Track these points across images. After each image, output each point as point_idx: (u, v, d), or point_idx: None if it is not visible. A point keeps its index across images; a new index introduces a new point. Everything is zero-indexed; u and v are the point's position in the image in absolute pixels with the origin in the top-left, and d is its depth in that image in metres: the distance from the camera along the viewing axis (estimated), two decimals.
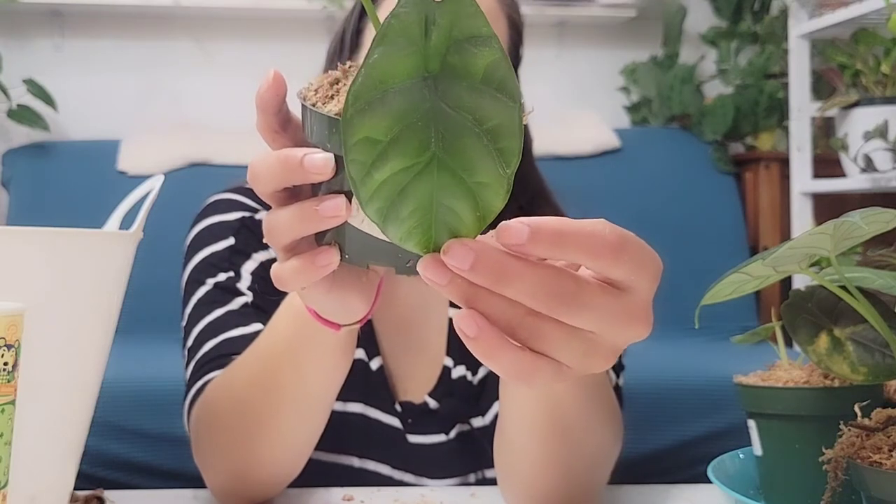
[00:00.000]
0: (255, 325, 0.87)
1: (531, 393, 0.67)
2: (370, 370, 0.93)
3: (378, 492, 0.83)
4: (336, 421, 0.91)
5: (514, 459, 0.73)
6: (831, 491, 0.59)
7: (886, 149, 2.10)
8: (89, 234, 0.58)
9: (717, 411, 1.72)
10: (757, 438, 0.69)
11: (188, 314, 0.91)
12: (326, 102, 0.45)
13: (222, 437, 0.78)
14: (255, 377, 0.74)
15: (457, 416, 0.94)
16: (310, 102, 0.46)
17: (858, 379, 0.61)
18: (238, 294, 0.90)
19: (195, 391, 0.84)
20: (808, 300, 0.64)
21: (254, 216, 0.94)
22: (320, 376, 0.71)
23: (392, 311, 0.95)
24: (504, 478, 0.76)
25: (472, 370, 0.94)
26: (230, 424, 0.77)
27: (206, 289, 0.91)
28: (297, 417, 0.74)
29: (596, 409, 0.73)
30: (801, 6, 2.36)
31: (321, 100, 0.45)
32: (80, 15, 2.74)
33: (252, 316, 0.88)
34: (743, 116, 2.69)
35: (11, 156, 2.55)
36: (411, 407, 0.94)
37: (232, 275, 0.92)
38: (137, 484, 1.53)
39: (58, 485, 0.60)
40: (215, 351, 0.86)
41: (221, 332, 0.87)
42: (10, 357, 0.42)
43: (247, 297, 0.90)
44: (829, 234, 0.52)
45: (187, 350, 0.89)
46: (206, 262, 0.93)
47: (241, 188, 0.97)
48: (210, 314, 0.89)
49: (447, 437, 0.93)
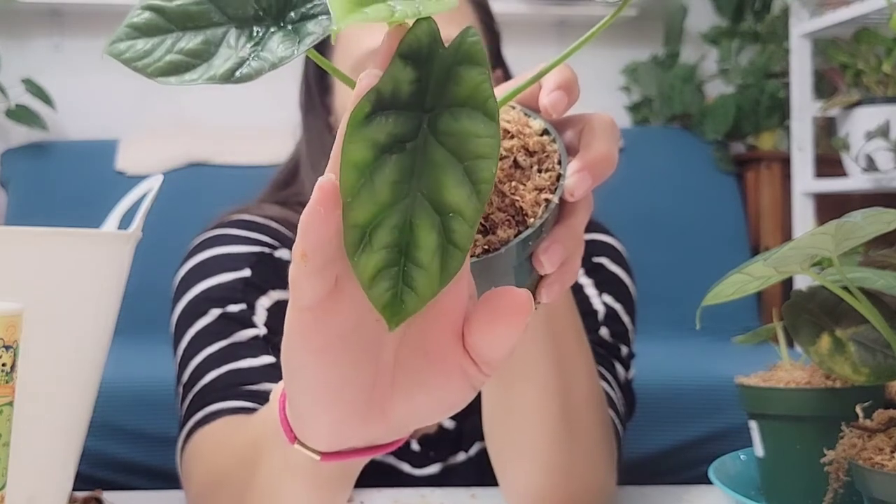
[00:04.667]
0: (265, 358, 0.82)
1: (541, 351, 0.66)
2: None
3: (378, 493, 0.83)
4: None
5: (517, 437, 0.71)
6: (833, 492, 0.59)
7: (888, 148, 2.10)
8: (88, 234, 0.58)
9: (719, 412, 1.72)
10: (758, 439, 0.69)
11: (184, 348, 0.85)
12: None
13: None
14: (243, 463, 0.65)
15: (479, 434, 0.89)
16: None
17: (860, 380, 0.61)
18: (248, 326, 0.84)
19: (194, 423, 0.79)
20: (810, 301, 0.64)
21: (273, 253, 0.89)
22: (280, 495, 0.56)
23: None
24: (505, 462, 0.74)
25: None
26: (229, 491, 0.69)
27: (208, 319, 0.85)
28: None
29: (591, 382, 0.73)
30: (803, 5, 2.35)
31: None
32: (79, 14, 2.74)
33: (262, 348, 0.83)
34: (744, 116, 2.69)
35: (10, 155, 2.55)
36: (428, 439, 0.92)
37: (244, 307, 0.86)
38: (136, 485, 1.53)
39: (56, 486, 0.60)
40: (221, 381, 0.80)
41: (227, 362, 0.81)
42: (9, 358, 0.42)
43: (259, 330, 0.84)
44: (830, 234, 0.52)
45: (182, 386, 0.84)
46: (210, 293, 0.87)
47: (238, 221, 0.92)
48: (212, 345, 0.83)
49: (467, 454, 0.92)
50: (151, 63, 0.40)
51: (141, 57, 0.41)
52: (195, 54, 0.40)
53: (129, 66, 0.40)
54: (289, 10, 0.40)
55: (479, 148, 0.35)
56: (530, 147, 0.45)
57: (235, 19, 0.40)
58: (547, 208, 0.43)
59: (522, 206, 0.43)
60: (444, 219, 0.35)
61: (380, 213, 0.35)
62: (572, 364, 0.70)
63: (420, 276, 0.35)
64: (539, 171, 0.44)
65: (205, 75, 0.39)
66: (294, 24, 0.39)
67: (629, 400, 0.90)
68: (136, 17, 0.41)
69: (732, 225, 2.57)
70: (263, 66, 0.38)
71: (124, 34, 0.41)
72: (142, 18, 0.41)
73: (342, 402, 0.40)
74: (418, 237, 0.35)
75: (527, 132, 0.45)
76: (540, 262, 0.43)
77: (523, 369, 0.69)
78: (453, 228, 0.35)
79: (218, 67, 0.39)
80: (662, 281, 2.23)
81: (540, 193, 0.43)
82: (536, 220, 0.42)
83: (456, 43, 0.36)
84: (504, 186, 0.43)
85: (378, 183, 0.35)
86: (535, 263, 0.44)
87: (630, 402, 0.90)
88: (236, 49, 0.39)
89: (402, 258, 0.35)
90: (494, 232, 0.42)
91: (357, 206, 0.35)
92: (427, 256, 0.35)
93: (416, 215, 0.35)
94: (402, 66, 0.36)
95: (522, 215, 0.43)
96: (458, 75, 0.36)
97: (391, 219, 0.35)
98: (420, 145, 0.36)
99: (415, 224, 0.35)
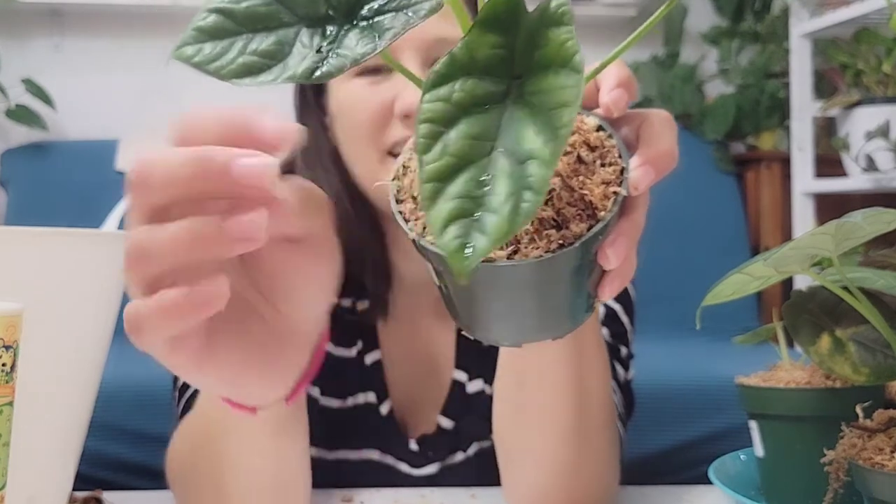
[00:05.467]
0: None
1: (560, 349, 0.66)
2: (381, 415, 0.91)
3: (377, 493, 0.83)
4: (349, 470, 0.90)
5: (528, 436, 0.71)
6: (833, 492, 0.59)
7: (888, 148, 2.10)
8: (88, 235, 0.58)
9: (719, 412, 1.72)
10: (758, 439, 0.69)
11: None
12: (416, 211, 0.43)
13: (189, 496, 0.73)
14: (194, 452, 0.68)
15: (477, 434, 0.91)
16: (402, 196, 0.44)
17: (860, 380, 0.61)
18: None
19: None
20: (810, 301, 0.64)
21: None
22: (246, 464, 0.61)
23: (400, 334, 0.93)
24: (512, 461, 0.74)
25: (490, 382, 0.92)
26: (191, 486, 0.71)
27: None
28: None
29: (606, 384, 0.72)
30: (803, 5, 2.35)
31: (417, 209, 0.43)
32: (79, 14, 2.74)
33: None
34: (744, 116, 2.69)
35: (10, 155, 2.55)
36: (426, 439, 0.92)
37: None
38: (136, 485, 1.53)
39: (56, 486, 0.60)
40: None
41: None
42: (9, 358, 0.42)
43: None
44: (830, 234, 0.52)
45: (178, 390, 0.85)
46: None
47: None
48: None
49: (465, 454, 0.92)
50: (224, 66, 0.40)
51: (212, 60, 0.40)
52: (269, 55, 0.40)
53: (201, 69, 0.40)
54: (359, 8, 0.40)
55: (562, 97, 0.36)
56: (591, 142, 0.45)
57: (306, 19, 0.41)
58: (616, 201, 0.43)
59: (592, 199, 0.43)
60: (521, 167, 0.36)
61: (455, 166, 0.36)
62: (589, 364, 0.69)
63: (491, 220, 0.35)
64: (602, 166, 0.44)
65: (282, 75, 0.39)
66: (368, 21, 0.40)
67: (628, 401, 0.90)
68: (202, 21, 0.41)
69: (732, 225, 2.57)
70: (344, 62, 0.39)
71: (191, 38, 0.41)
72: (208, 22, 0.41)
73: (257, 362, 0.47)
74: (494, 186, 0.36)
75: (584, 128, 0.46)
76: (606, 256, 0.43)
77: (540, 366, 0.68)
78: (530, 173, 0.35)
79: (295, 67, 0.39)
80: (662, 281, 2.23)
81: (607, 187, 0.43)
82: (607, 213, 0.42)
83: (542, 6, 0.38)
84: (572, 181, 0.43)
85: (454, 137, 0.36)
86: (601, 258, 0.44)
87: (629, 402, 0.90)
88: (311, 48, 0.40)
89: (476, 207, 0.36)
90: (568, 227, 0.42)
91: (432, 158, 0.36)
92: (499, 201, 0.35)
93: (493, 168, 0.36)
94: (482, 33, 0.37)
95: (592, 209, 0.43)
96: (545, 37, 0.37)
97: (467, 172, 0.36)
98: (506, 106, 0.37)
99: (492, 175, 0.36)
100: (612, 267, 0.44)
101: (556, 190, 0.42)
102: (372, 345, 0.91)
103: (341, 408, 0.90)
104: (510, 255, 0.41)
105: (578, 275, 0.44)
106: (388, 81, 0.82)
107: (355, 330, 0.91)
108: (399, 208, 0.44)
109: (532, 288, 0.43)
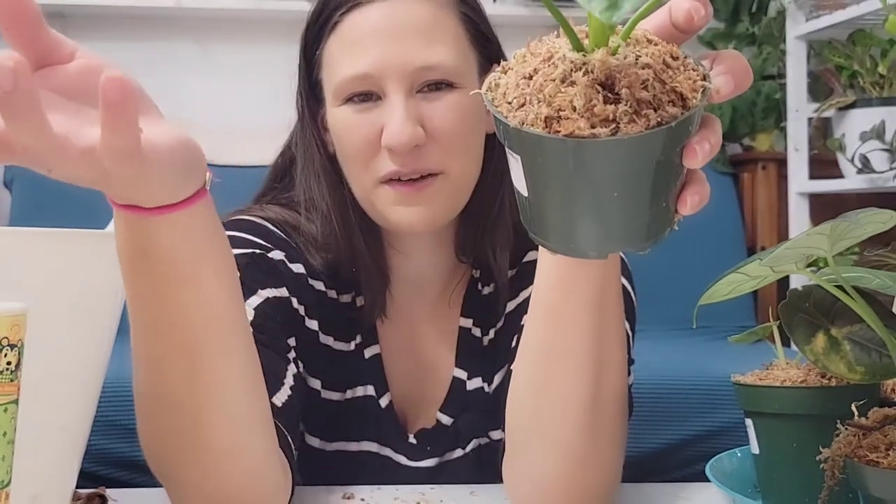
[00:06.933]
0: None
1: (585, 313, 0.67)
2: (380, 408, 0.91)
3: (378, 490, 0.83)
4: (348, 461, 0.91)
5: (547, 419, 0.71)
6: (828, 490, 0.59)
7: (883, 149, 2.11)
8: (91, 235, 0.58)
9: (715, 410, 1.73)
10: (754, 437, 0.70)
11: None
12: (515, 110, 0.47)
13: (162, 431, 0.66)
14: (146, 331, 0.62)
15: (475, 431, 0.92)
16: (496, 103, 0.48)
17: (855, 378, 0.61)
18: None
19: None
20: (806, 300, 0.64)
21: (266, 254, 0.86)
22: (193, 285, 0.59)
23: (399, 332, 0.93)
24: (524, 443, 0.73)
25: (488, 381, 0.92)
26: (160, 410, 0.65)
27: None
28: (214, 353, 0.61)
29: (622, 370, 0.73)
30: (799, 7, 2.36)
31: (516, 103, 0.47)
32: (82, 16, 2.74)
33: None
34: (740, 117, 2.69)
35: None
36: (425, 433, 0.92)
37: None
38: (139, 482, 1.53)
39: (60, 483, 0.60)
40: None
41: None
42: (14, 357, 0.43)
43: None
44: (826, 234, 0.53)
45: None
46: None
47: (233, 222, 0.90)
48: None
49: (464, 451, 0.92)
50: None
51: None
52: None
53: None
54: None
55: None
56: (674, 54, 0.48)
57: None
58: (703, 93, 0.47)
59: (682, 91, 0.46)
60: None
61: None
62: (610, 351, 0.70)
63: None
64: (685, 71, 0.48)
65: None
66: None
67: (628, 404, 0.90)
68: None
69: (729, 225, 2.58)
70: None
71: None
72: None
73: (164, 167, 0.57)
74: None
75: (666, 46, 0.49)
76: (694, 152, 0.47)
77: (563, 345, 0.69)
78: None
79: None
80: (659, 280, 2.23)
81: (694, 82, 0.47)
82: (698, 102, 0.46)
83: None
84: (664, 75, 0.46)
85: None
86: (688, 153, 0.47)
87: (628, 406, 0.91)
88: None
89: None
90: (665, 109, 0.46)
91: None
92: None
93: None
94: None
95: (683, 100, 0.46)
96: None
97: None
98: None
99: None
100: (696, 165, 0.48)
101: (650, 80, 0.45)
102: (371, 340, 0.92)
103: (341, 400, 0.91)
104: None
105: (665, 172, 0.47)
106: (377, 109, 0.83)
107: (355, 325, 0.91)
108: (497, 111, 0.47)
109: (623, 180, 0.46)
